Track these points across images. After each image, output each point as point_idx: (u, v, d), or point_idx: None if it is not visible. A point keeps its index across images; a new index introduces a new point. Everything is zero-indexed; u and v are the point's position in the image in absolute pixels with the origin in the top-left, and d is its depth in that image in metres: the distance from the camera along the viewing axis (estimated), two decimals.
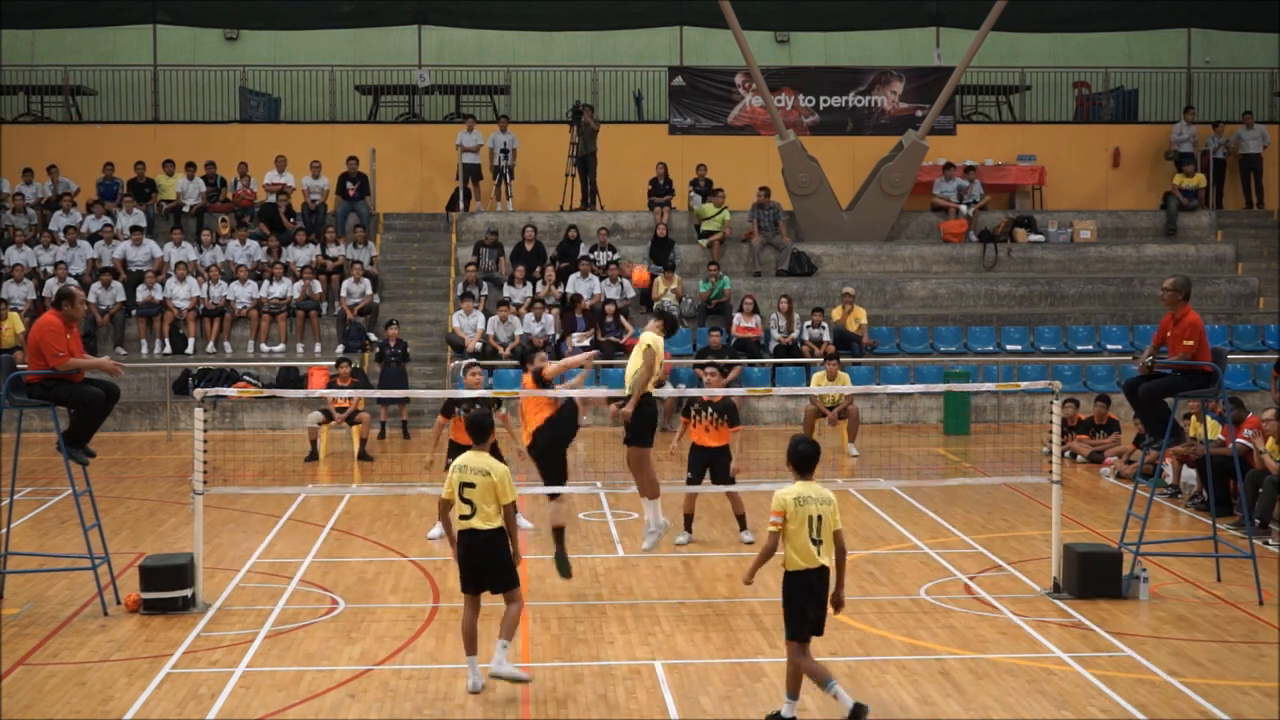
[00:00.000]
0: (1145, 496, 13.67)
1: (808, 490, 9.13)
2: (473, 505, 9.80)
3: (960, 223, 28.65)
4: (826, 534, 9.06)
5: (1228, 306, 27.06)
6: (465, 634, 9.98)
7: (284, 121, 31.27)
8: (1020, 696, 9.81)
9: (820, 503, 9.08)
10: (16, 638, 11.30)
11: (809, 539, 9.02)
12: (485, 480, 9.79)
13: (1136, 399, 12.78)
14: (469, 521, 9.83)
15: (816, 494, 9.11)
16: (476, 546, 9.86)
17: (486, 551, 9.85)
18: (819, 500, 9.09)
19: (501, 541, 9.85)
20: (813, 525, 9.03)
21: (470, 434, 10.16)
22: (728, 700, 9.74)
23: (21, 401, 12.01)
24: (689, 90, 29.70)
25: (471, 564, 9.91)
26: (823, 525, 9.05)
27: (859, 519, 16.02)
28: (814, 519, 9.03)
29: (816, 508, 9.05)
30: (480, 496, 9.79)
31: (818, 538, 9.03)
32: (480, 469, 9.83)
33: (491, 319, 24.80)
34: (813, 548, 9.01)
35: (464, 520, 9.86)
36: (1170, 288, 12.55)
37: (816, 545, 9.02)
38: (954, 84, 28.25)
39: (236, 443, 22.01)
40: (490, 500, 9.79)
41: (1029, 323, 26.32)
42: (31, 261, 26.21)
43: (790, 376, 23.93)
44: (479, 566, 9.90)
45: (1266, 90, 31.97)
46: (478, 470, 9.82)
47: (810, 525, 9.02)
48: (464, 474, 9.86)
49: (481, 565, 9.89)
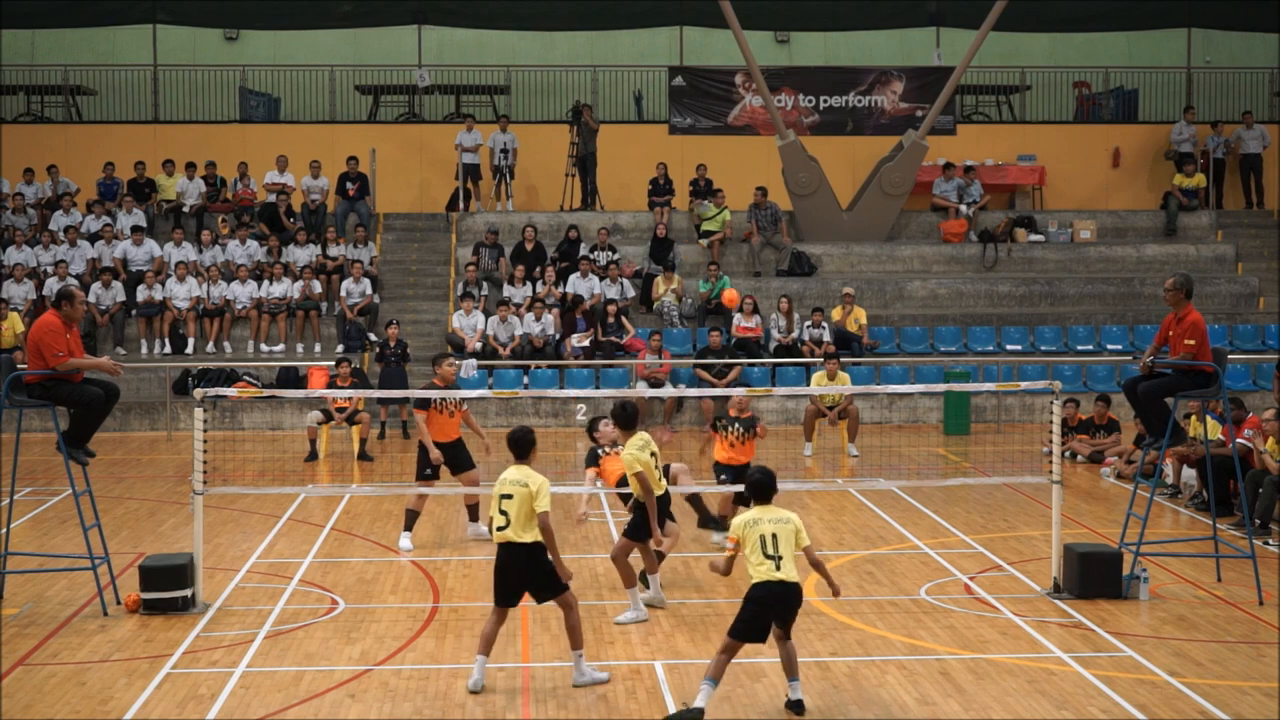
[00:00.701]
0: (1145, 496, 13.67)
1: (763, 513, 9.55)
2: (508, 517, 9.83)
3: (960, 223, 28.64)
4: (785, 549, 9.38)
5: (1228, 306, 27.06)
6: (484, 637, 10.05)
7: (284, 121, 31.26)
8: (1020, 696, 9.81)
9: (774, 521, 9.46)
10: (16, 638, 11.29)
11: (763, 555, 9.37)
12: (523, 491, 9.83)
13: (1136, 399, 12.77)
14: (504, 534, 9.87)
15: (771, 515, 9.52)
16: (512, 560, 9.92)
17: (525, 564, 9.90)
18: (773, 520, 9.47)
19: (539, 553, 9.89)
20: (766, 543, 9.38)
21: (512, 450, 10.17)
22: (728, 700, 9.74)
23: (21, 401, 12.01)
24: (689, 90, 29.69)
25: (507, 577, 9.96)
26: (779, 542, 9.38)
27: (859, 519, 16.02)
28: (767, 537, 9.39)
29: (770, 526, 9.43)
30: (515, 507, 9.82)
31: (774, 554, 9.36)
32: (519, 481, 9.90)
33: (491, 319, 24.80)
34: (768, 563, 9.35)
35: (500, 532, 9.90)
36: (1172, 287, 12.54)
37: (773, 560, 9.35)
38: (954, 84, 28.25)
39: (236, 443, 22.01)
40: (526, 511, 9.82)
41: (1029, 323, 26.31)
42: (31, 261, 26.20)
43: (790, 376, 23.93)
44: (518, 580, 9.95)
45: (1266, 90, 31.96)
46: (517, 483, 9.89)
47: (764, 543, 9.38)
48: (503, 486, 9.93)
49: (523, 578, 9.94)
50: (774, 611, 9.41)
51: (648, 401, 23.36)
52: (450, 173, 29.24)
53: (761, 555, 9.36)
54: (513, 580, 9.95)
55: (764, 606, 9.38)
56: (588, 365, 24.31)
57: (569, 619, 10.02)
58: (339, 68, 31.54)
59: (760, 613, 9.39)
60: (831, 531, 15.33)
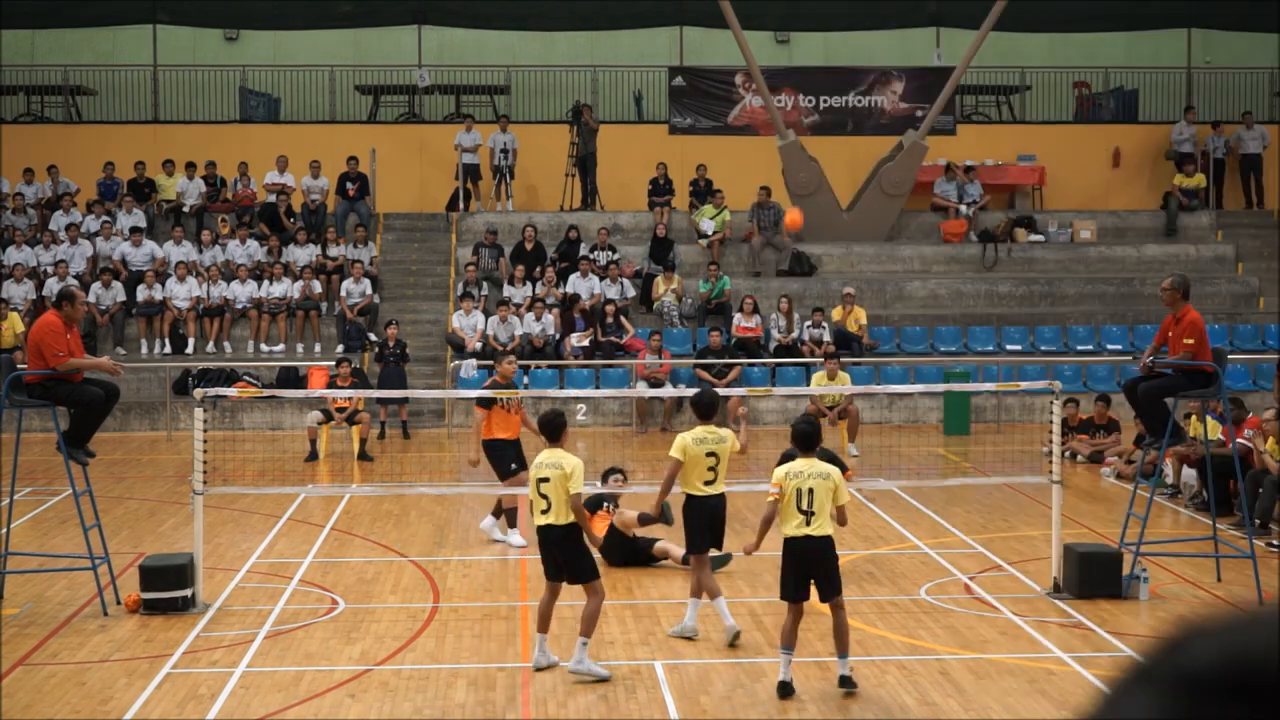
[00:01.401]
0: (1145, 496, 13.66)
1: (806, 466, 9.59)
2: (548, 500, 9.91)
3: (960, 223, 28.64)
4: (820, 504, 9.43)
5: (1228, 306, 27.05)
6: (540, 613, 10.25)
7: (284, 121, 31.26)
8: (1020, 696, 9.80)
9: (814, 476, 9.49)
10: (16, 638, 11.29)
11: (797, 508, 9.44)
12: (558, 474, 9.88)
13: (1136, 399, 12.77)
14: (546, 517, 9.95)
15: (814, 469, 9.55)
16: (551, 542, 10.03)
17: (562, 546, 9.99)
18: (813, 474, 9.51)
19: (575, 535, 9.99)
20: (801, 497, 9.44)
21: (544, 433, 10.29)
22: (728, 700, 9.74)
23: (21, 401, 12.01)
24: (689, 90, 29.69)
25: (551, 555, 10.11)
26: (815, 496, 9.43)
27: (859, 519, 16.00)
28: (804, 490, 9.44)
29: (809, 480, 9.46)
30: (554, 490, 9.89)
31: (807, 508, 9.42)
32: (554, 464, 9.95)
33: (491, 319, 24.80)
34: (800, 517, 9.43)
35: (542, 515, 9.99)
36: (1169, 287, 12.53)
37: (806, 515, 9.43)
38: (954, 84, 28.25)
39: (236, 443, 22.01)
40: (563, 494, 9.87)
41: (1029, 323, 26.31)
42: (31, 261, 26.20)
43: (790, 376, 23.93)
44: (556, 560, 10.10)
45: (1266, 90, 31.96)
46: (553, 465, 9.95)
47: (800, 497, 9.44)
48: (540, 469, 10.00)
49: (559, 559, 10.06)
50: (806, 567, 9.53)
51: (647, 401, 23.38)
52: (450, 173, 29.24)
53: (795, 509, 9.45)
54: (557, 557, 10.07)
55: (796, 560, 9.51)
56: (588, 365, 24.31)
57: (590, 605, 10.01)
58: (339, 68, 31.54)
59: (793, 567, 9.54)
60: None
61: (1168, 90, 32.21)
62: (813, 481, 9.48)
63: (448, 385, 23.65)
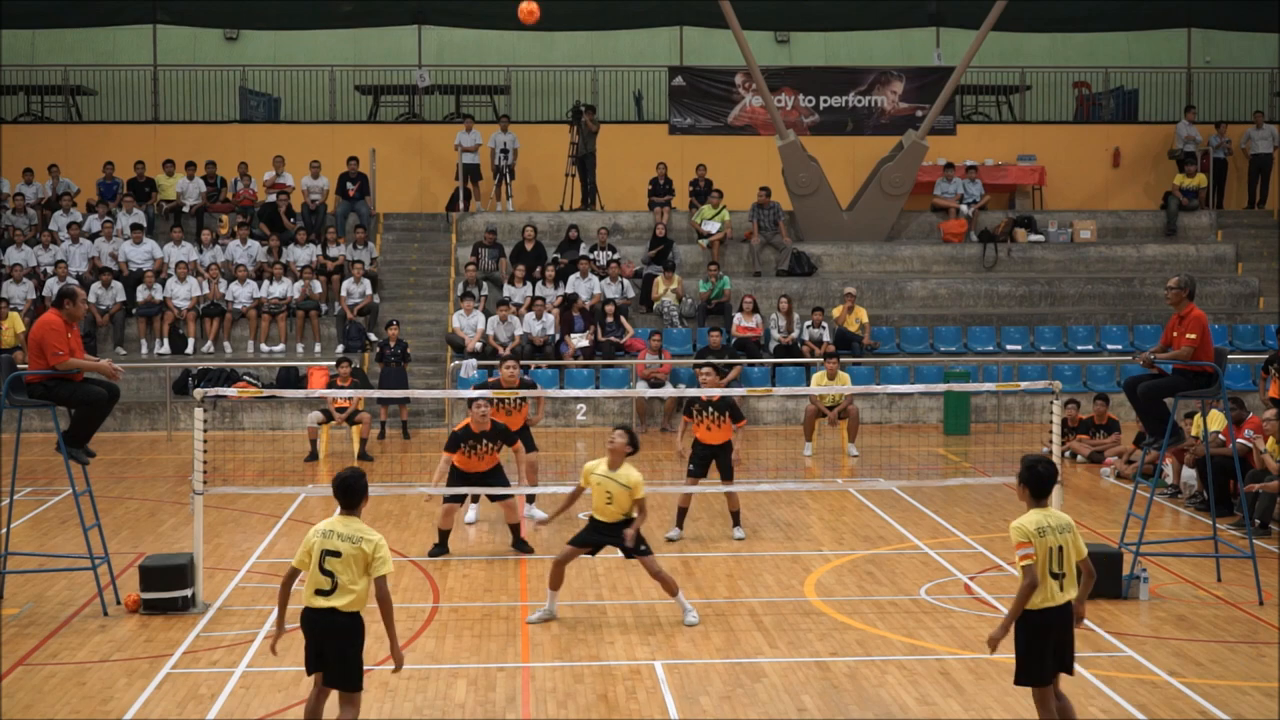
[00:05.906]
0: (1145, 496, 13.67)
1: (1046, 519, 8.14)
2: (333, 580, 8.16)
3: (960, 223, 28.65)
4: (1069, 566, 8.11)
5: (1228, 306, 27.05)
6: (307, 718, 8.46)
7: (284, 121, 31.28)
8: (1020, 696, 9.79)
9: (1060, 531, 8.11)
10: (16, 638, 11.29)
11: (1049, 573, 8.04)
12: (354, 551, 8.20)
13: (1136, 399, 12.78)
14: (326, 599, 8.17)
15: (1056, 521, 8.14)
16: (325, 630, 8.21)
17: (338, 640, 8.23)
18: (1059, 528, 8.12)
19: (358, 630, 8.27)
20: (1053, 558, 8.06)
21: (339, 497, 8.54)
22: (728, 700, 9.74)
23: (21, 401, 12.00)
24: (689, 90, 29.70)
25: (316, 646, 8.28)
26: (1064, 557, 8.09)
27: (859, 519, 16.02)
28: (1054, 550, 8.06)
29: (1057, 537, 8.09)
30: (345, 568, 8.17)
31: (1059, 571, 8.07)
32: (351, 537, 8.26)
33: (491, 319, 24.79)
34: (1053, 583, 8.04)
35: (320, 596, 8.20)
36: (1175, 286, 12.56)
37: (1058, 579, 8.06)
38: (954, 84, 28.25)
39: (236, 443, 22.01)
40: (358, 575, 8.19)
41: (1029, 323, 26.32)
42: (31, 261, 26.20)
43: (790, 376, 23.93)
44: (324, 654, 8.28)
45: (1267, 90, 31.96)
46: (349, 538, 8.24)
47: (1051, 558, 8.05)
48: (329, 540, 8.25)
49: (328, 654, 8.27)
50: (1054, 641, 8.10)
51: (647, 401, 23.38)
52: (450, 173, 29.24)
53: (1048, 573, 8.02)
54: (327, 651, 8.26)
55: (1044, 635, 8.04)
56: (588, 365, 24.31)
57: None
58: (339, 68, 31.55)
59: (1042, 644, 8.08)
60: (831, 531, 15.33)
61: (1168, 90, 32.22)
62: (1060, 538, 8.07)
63: (448, 385, 23.65)
